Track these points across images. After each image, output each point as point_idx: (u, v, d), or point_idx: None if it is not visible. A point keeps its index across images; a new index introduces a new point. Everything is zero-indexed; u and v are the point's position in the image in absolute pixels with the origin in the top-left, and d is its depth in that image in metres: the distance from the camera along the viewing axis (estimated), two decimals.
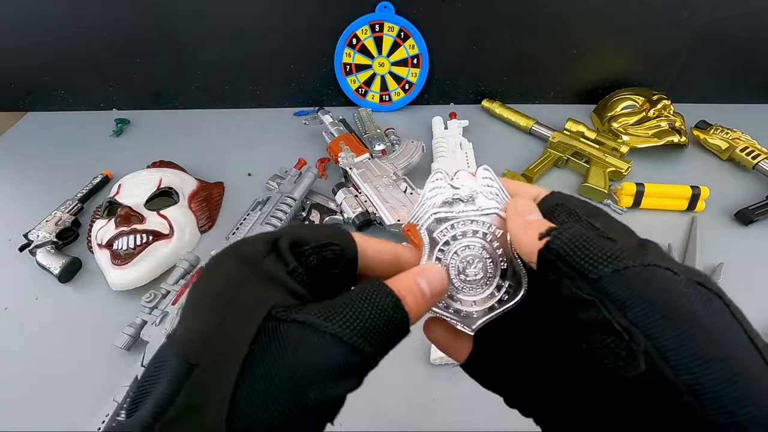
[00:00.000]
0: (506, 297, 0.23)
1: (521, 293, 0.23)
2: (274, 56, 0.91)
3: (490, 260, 0.23)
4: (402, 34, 0.87)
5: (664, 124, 0.81)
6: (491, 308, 0.23)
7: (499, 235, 0.23)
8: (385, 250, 0.23)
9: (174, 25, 0.87)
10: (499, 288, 0.23)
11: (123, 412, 0.46)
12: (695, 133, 0.84)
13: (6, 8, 0.85)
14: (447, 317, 0.23)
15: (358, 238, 0.22)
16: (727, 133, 0.81)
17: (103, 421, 0.45)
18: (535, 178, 0.76)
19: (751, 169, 0.77)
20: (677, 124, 0.81)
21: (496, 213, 0.23)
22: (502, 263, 0.23)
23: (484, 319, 0.23)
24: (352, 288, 0.20)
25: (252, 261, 0.19)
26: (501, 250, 0.23)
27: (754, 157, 0.76)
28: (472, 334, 0.23)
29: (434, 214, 0.23)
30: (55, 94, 0.97)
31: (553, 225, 0.20)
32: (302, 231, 0.21)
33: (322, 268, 0.21)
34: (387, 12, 0.85)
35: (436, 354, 0.50)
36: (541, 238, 0.19)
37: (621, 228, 0.21)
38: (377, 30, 0.87)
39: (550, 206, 0.22)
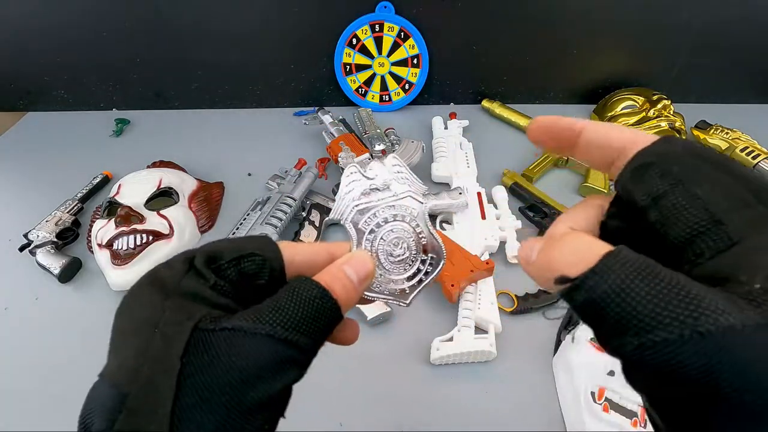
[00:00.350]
0: (430, 268, 0.25)
1: (442, 262, 0.25)
2: (274, 56, 0.91)
3: (412, 239, 0.25)
4: (402, 34, 0.87)
5: (664, 124, 0.81)
6: (420, 281, 0.25)
7: (416, 215, 0.25)
8: (316, 253, 0.22)
9: (174, 25, 0.87)
10: (423, 262, 0.25)
11: None
12: (695, 133, 0.84)
13: (6, 8, 0.85)
14: (382, 298, 0.25)
15: (285, 246, 0.21)
16: (727, 133, 0.81)
17: None
18: (535, 178, 0.76)
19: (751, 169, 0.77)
20: (677, 124, 0.81)
21: (410, 196, 0.25)
22: (422, 239, 0.25)
23: (416, 291, 0.25)
24: (285, 285, 0.20)
25: (170, 284, 0.19)
26: (419, 227, 0.25)
27: (754, 157, 0.76)
28: (407, 306, 0.25)
29: (356, 206, 0.25)
30: (55, 94, 0.97)
31: (563, 275, 0.15)
32: (219, 245, 0.21)
33: (244, 280, 0.20)
34: (387, 12, 0.85)
35: (436, 354, 0.50)
36: (556, 282, 0.16)
37: (753, 189, 0.15)
38: (377, 30, 0.87)
39: (641, 164, 0.17)
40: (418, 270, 0.25)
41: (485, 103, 0.94)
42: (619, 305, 0.13)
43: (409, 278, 0.25)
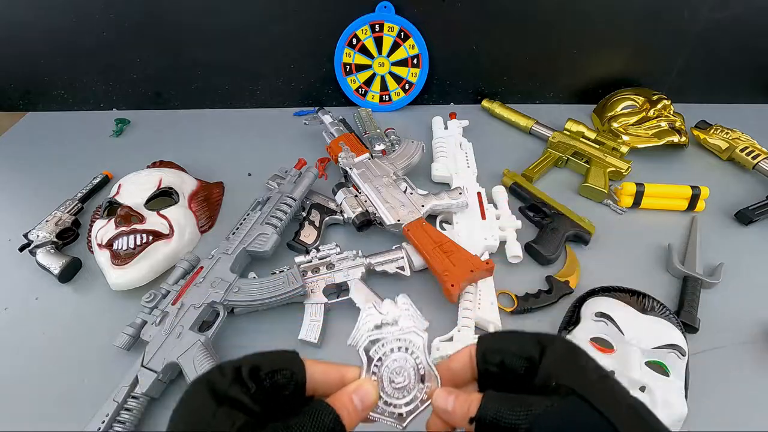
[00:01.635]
0: (426, 397, 0.29)
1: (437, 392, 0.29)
2: (274, 56, 0.91)
3: (413, 368, 0.29)
4: (402, 34, 0.87)
5: (664, 124, 0.81)
6: (416, 407, 0.29)
7: (416, 348, 0.29)
8: (331, 373, 0.28)
9: (174, 25, 0.87)
10: (420, 390, 0.29)
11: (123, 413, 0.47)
12: (695, 133, 0.84)
13: (6, 8, 0.85)
14: (382, 419, 0.28)
15: (308, 363, 0.27)
16: (727, 133, 0.81)
17: (103, 421, 0.45)
18: (535, 178, 0.76)
19: (751, 169, 0.77)
20: (677, 124, 0.81)
21: (413, 331, 0.30)
22: (421, 370, 0.29)
23: (412, 417, 0.29)
24: (306, 407, 0.25)
25: (221, 389, 0.24)
26: (419, 359, 0.29)
27: (754, 157, 0.76)
28: (404, 430, 0.29)
29: (369, 336, 0.29)
30: (55, 94, 0.97)
31: (472, 417, 0.25)
32: (257, 359, 0.26)
33: (274, 389, 0.25)
34: (387, 12, 0.85)
35: (436, 354, 0.50)
36: (471, 422, 0.25)
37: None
38: (377, 30, 0.87)
39: (484, 350, 0.28)
40: (415, 397, 0.29)
41: (485, 103, 0.94)
42: (500, 422, 0.23)
43: (407, 404, 0.29)
